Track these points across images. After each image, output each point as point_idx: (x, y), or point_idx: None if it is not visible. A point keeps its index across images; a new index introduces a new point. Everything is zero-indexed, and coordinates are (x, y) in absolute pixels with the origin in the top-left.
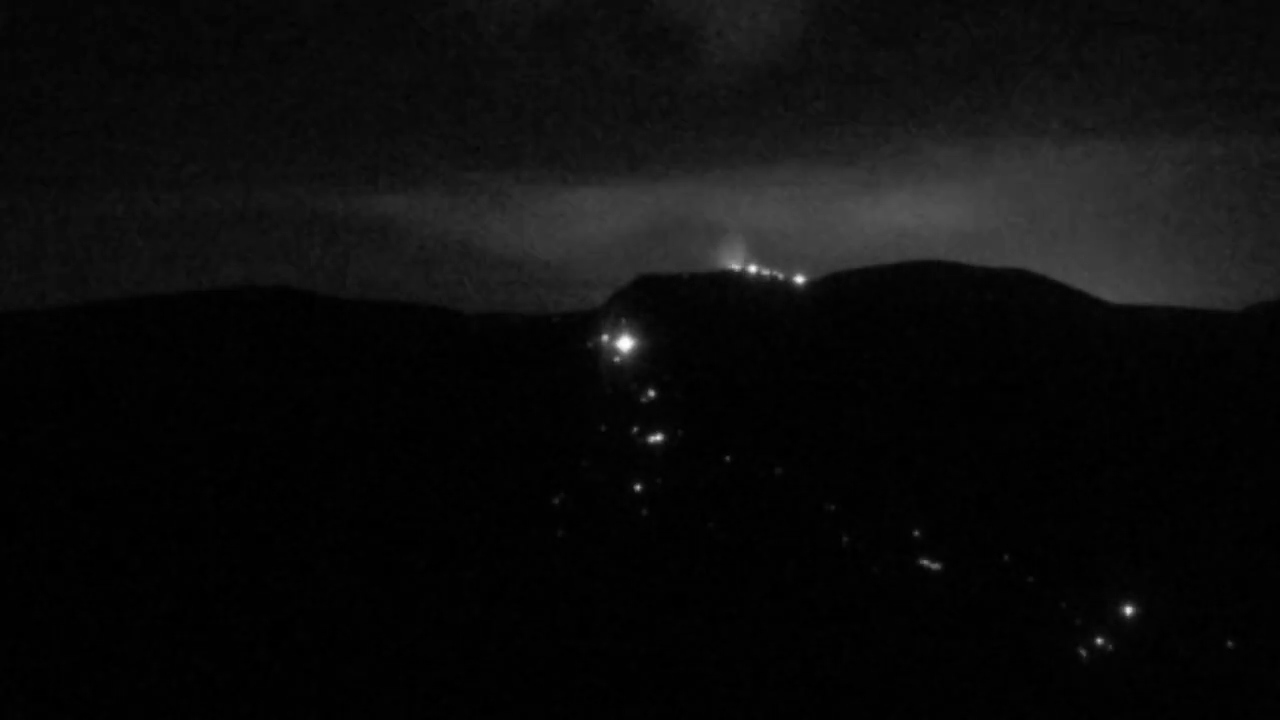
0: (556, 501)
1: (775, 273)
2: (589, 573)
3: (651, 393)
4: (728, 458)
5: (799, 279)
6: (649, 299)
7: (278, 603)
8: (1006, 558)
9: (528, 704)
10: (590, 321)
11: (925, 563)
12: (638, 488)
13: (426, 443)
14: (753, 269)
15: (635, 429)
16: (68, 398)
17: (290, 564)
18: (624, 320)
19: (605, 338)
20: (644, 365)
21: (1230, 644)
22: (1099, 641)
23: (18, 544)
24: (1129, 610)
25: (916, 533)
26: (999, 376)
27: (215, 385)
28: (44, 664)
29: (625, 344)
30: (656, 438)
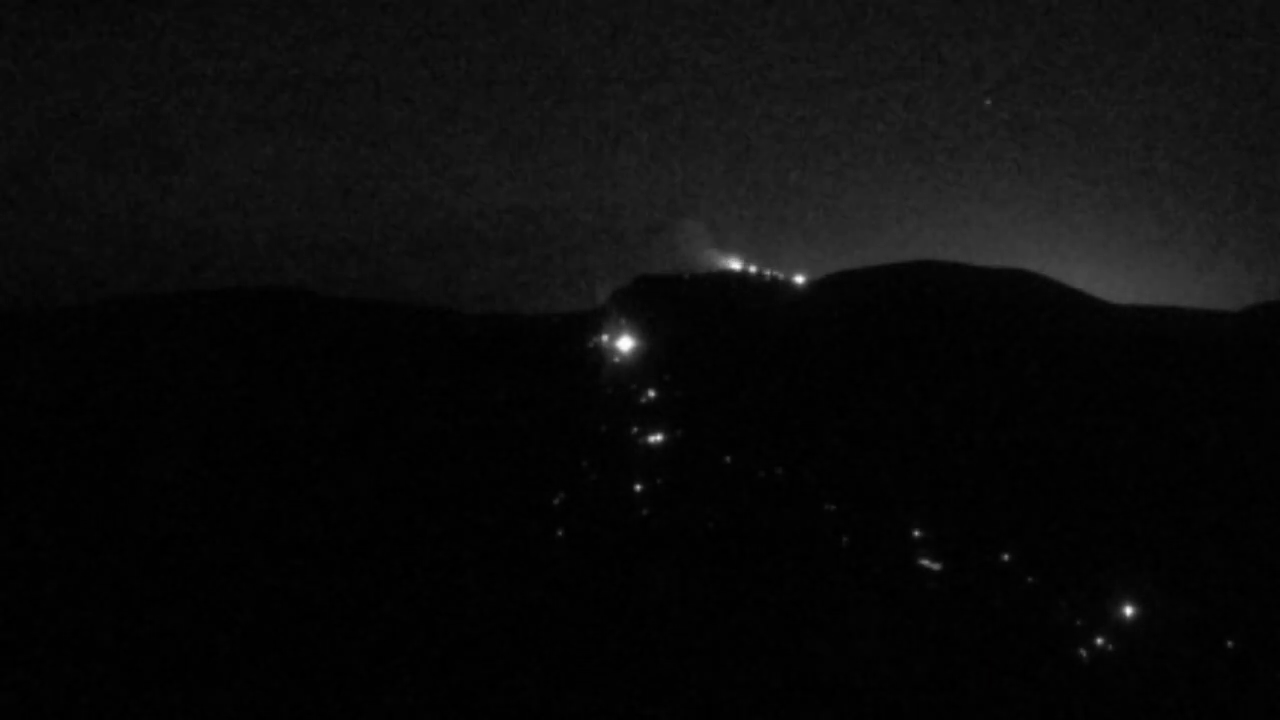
0: (556, 501)
1: (775, 273)
2: (589, 573)
3: (651, 393)
4: (728, 458)
5: (799, 279)
6: (649, 299)
7: (276, 602)
8: (1006, 558)
9: (527, 704)
10: (590, 321)
11: (925, 563)
12: (638, 488)
13: (426, 443)
14: (753, 269)
15: (635, 429)
16: (67, 398)
17: (289, 564)
18: (624, 320)
19: (605, 338)
20: (644, 365)
21: (1230, 644)
22: (1099, 641)
23: (16, 544)
24: (1129, 610)
25: (916, 533)
26: (999, 376)
27: (214, 386)
28: (43, 664)
29: (625, 344)
30: (656, 438)
